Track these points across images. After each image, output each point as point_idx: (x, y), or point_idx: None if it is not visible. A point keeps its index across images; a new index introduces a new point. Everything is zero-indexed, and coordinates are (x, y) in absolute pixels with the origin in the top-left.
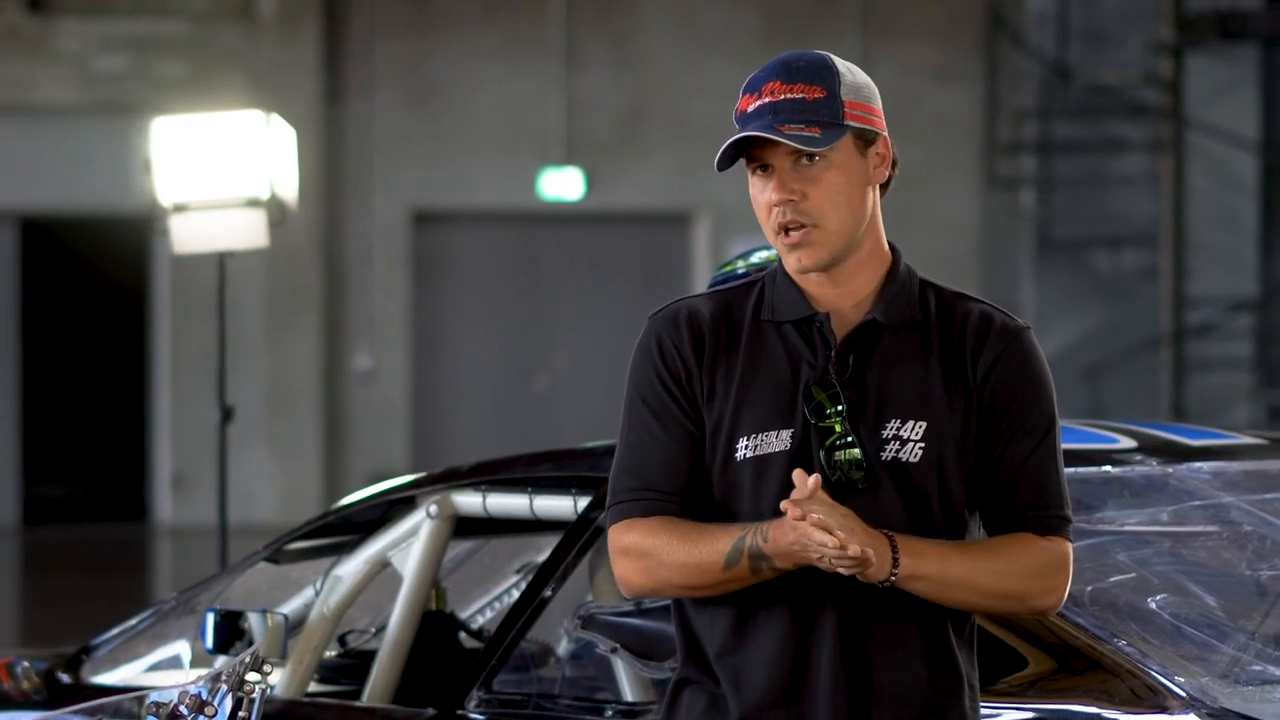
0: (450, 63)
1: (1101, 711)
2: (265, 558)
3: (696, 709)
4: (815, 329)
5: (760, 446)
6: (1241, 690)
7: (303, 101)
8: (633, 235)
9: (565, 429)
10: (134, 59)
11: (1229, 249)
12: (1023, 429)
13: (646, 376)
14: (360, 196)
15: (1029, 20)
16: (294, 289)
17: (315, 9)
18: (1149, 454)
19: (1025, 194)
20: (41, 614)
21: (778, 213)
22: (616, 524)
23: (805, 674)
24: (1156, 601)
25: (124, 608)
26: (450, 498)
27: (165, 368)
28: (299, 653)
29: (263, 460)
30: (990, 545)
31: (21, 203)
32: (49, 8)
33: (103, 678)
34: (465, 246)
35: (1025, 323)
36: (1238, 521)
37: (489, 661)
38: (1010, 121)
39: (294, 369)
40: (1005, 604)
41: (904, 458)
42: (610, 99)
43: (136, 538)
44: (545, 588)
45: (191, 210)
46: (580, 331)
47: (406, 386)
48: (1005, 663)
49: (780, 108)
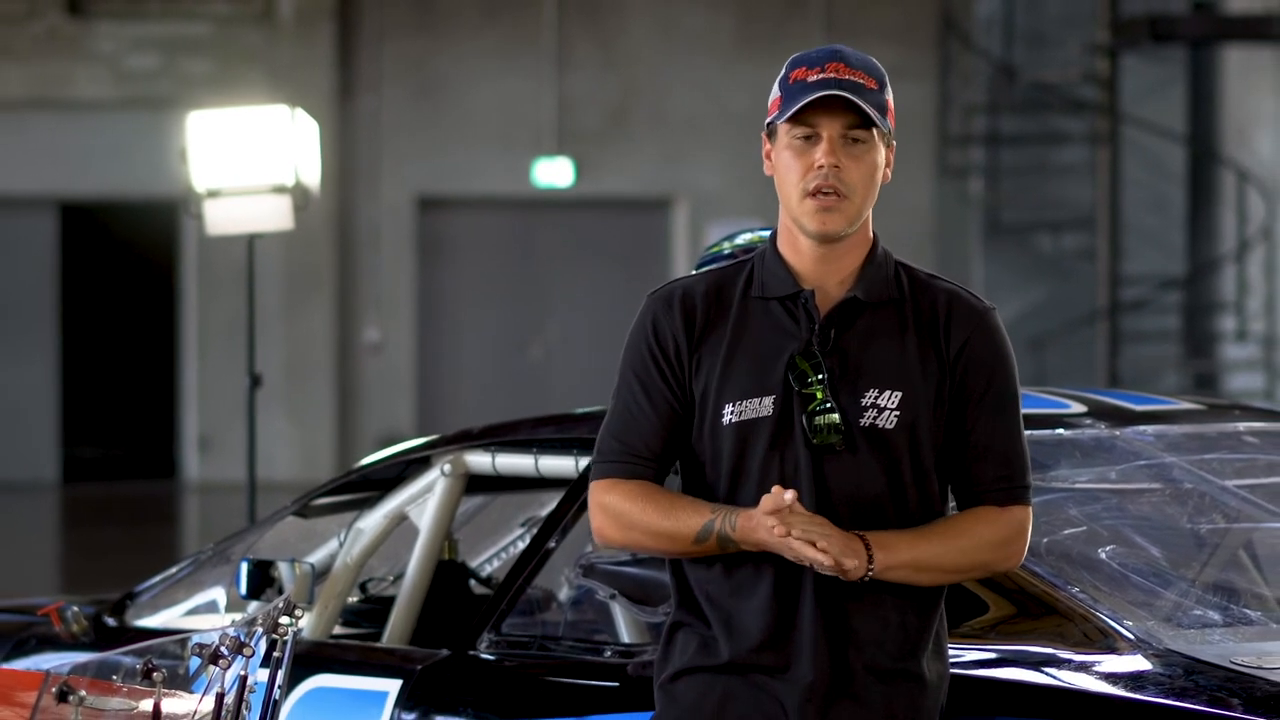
0: (452, 62)
1: (1057, 652)
2: (293, 512)
3: (690, 649)
4: (800, 304)
5: (745, 412)
6: (1184, 633)
7: (318, 97)
8: (618, 219)
9: (557, 394)
10: (164, 58)
11: (1159, 232)
12: (991, 406)
13: (639, 351)
14: (370, 184)
15: (977, 24)
16: (310, 268)
17: (329, 12)
18: (1098, 418)
19: (974, 182)
20: (80, 563)
21: (817, 175)
22: (599, 481)
23: (790, 621)
24: (1106, 552)
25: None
26: (462, 457)
27: (192, 338)
28: (324, 599)
29: (282, 423)
30: (954, 525)
31: (62, 189)
32: (86, 12)
33: (145, 621)
34: (466, 229)
35: (991, 304)
36: (1179, 480)
37: (498, 606)
38: (960, 116)
39: (310, 341)
40: (972, 574)
41: (881, 424)
42: (598, 95)
43: (166, 494)
44: (549, 540)
45: (223, 196)
46: (570, 306)
47: (412, 356)
48: (969, 608)
49: (845, 85)
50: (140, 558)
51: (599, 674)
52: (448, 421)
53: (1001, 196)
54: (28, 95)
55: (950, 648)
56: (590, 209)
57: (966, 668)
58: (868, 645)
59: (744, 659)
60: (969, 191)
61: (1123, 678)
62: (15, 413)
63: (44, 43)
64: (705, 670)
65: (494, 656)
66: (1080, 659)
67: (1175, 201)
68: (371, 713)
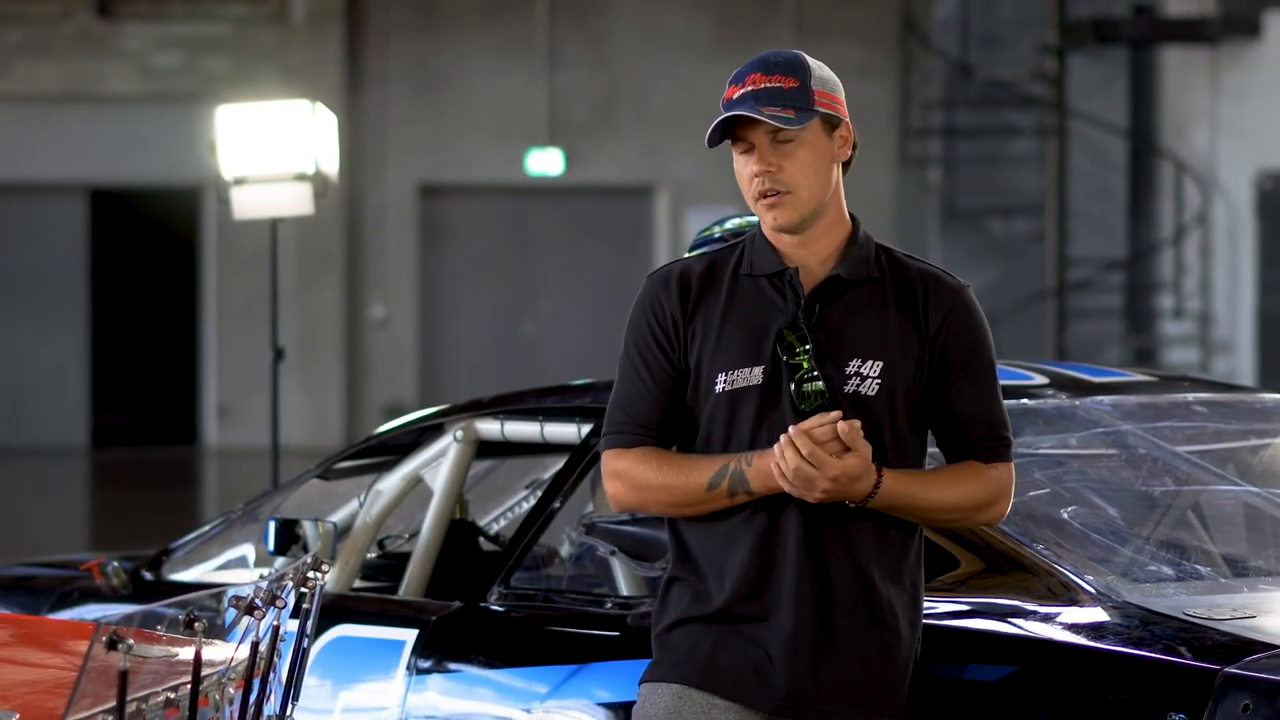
0: (452, 60)
1: (1023, 605)
2: (317, 475)
3: (684, 601)
4: (787, 282)
5: (736, 381)
6: (1140, 587)
7: (328, 92)
8: (605, 205)
9: (549, 366)
10: (186, 56)
11: (1103, 218)
12: (972, 376)
13: (640, 330)
14: (376, 172)
15: (936, 26)
16: (321, 250)
17: (339, 14)
18: (1059, 389)
19: (933, 171)
20: (109, 522)
21: (758, 182)
22: (609, 451)
23: (772, 572)
24: (1068, 513)
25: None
26: (473, 424)
27: (212, 314)
28: (346, 555)
29: (294, 393)
30: (948, 471)
31: (92, 176)
32: (115, 13)
33: (180, 575)
34: (464, 214)
35: (965, 282)
36: (1134, 446)
37: (507, 562)
38: (920, 111)
39: (320, 317)
40: (958, 516)
41: (863, 391)
42: (586, 91)
43: (188, 458)
44: (554, 500)
45: (249, 183)
46: (560, 285)
47: (414, 331)
48: (941, 564)
49: (760, 95)
50: (164, 517)
51: (600, 624)
52: (448, 391)
53: (957, 185)
54: (61, 90)
55: (924, 600)
56: (579, 196)
57: (939, 619)
58: (846, 598)
59: (732, 609)
60: (928, 180)
61: (1084, 628)
62: (48, 382)
63: (76, 42)
64: (698, 620)
65: (503, 608)
66: (1045, 611)
67: (1117, 190)
68: (390, 660)
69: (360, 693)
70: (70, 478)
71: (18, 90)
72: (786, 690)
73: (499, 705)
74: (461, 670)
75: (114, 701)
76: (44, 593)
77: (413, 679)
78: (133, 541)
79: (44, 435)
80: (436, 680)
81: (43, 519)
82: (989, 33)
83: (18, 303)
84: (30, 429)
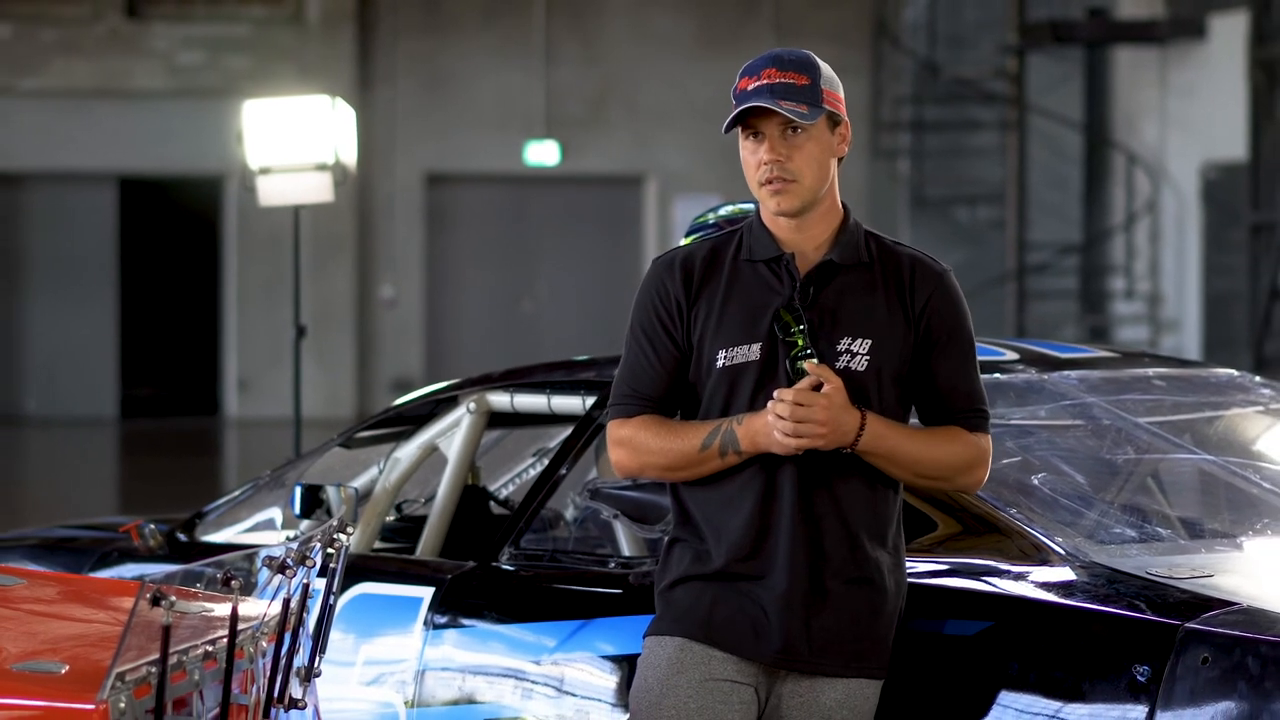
0: (456, 58)
1: (997, 564)
2: (339, 444)
3: (685, 560)
4: (783, 266)
5: (735, 357)
6: (1105, 548)
7: (340, 88)
8: (598, 193)
9: (546, 343)
10: (209, 54)
11: (1059, 205)
12: (954, 352)
13: (645, 311)
14: (385, 163)
15: (905, 27)
16: (334, 235)
17: (351, 16)
18: (1028, 364)
19: (902, 162)
20: (137, 488)
21: (765, 169)
22: (613, 421)
23: (768, 535)
24: (1038, 479)
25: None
26: (485, 397)
27: (233, 294)
28: (366, 518)
29: (309, 368)
30: (933, 431)
31: (121, 166)
32: (143, 14)
33: (212, 537)
34: (467, 202)
35: (947, 265)
36: (1099, 417)
37: (517, 525)
38: (890, 106)
39: (333, 296)
40: (938, 476)
41: (854, 366)
42: (581, 86)
43: (210, 429)
44: (560, 467)
45: (273, 172)
46: (557, 267)
47: (421, 311)
48: (920, 526)
49: (776, 89)
50: (188, 484)
51: (604, 582)
52: (453, 366)
53: (925, 175)
54: (93, 86)
55: (905, 561)
56: (573, 184)
57: (919, 577)
58: (837, 559)
59: (730, 568)
60: (897, 170)
61: (1055, 586)
62: (80, 358)
63: (106, 41)
64: (698, 578)
65: (514, 567)
66: (1018, 570)
67: (1073, 179)
68: (408, 615)
69: (381, 646)
70: (101, 446)
71: (52, 86)
72: (781, 644)
73: (510, 658)
74: (475, 625)
75: (157, 654)
76: (85, 553)
77: (430, 633)
78: (160, 505)
79: (76, 407)
80: (452, 634)
81: (76, 484)
82: (954, 34)
83: (53, 283)
84: (64, 401)
